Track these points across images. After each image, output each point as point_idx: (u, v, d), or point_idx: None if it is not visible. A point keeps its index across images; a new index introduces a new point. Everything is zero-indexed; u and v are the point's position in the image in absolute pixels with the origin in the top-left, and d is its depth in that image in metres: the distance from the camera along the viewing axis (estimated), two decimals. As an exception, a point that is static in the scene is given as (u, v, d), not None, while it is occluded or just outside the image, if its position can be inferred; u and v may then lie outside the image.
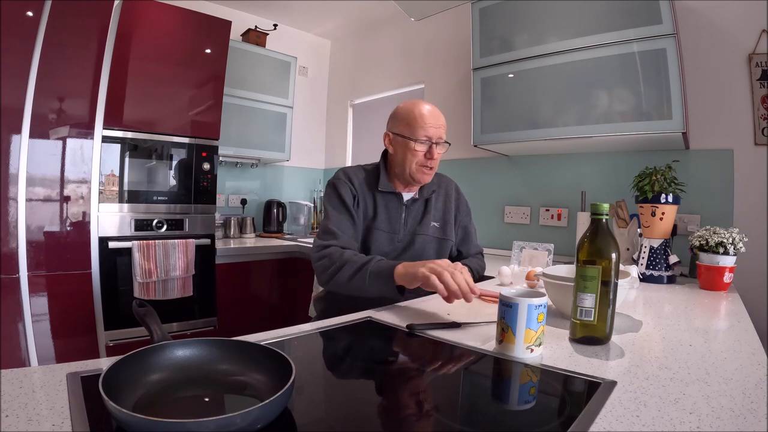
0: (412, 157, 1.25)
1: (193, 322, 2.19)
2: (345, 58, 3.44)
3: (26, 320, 1.70)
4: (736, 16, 1.66)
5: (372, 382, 0.70)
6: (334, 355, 0.82)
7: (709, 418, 0.52)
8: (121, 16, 1.94)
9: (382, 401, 0.61)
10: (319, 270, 1.18)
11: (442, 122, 1.27)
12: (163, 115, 2.11)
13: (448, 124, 1.32)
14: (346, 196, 1.26)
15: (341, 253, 1.15)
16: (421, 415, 0.55)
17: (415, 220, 1.34)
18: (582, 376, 0.65)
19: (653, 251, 1.47)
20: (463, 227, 1.45)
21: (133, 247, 1.97)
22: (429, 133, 1.24)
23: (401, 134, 1.26)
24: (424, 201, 1.37)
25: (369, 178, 1.33)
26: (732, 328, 0.96)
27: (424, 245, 1.34)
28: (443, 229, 1.39)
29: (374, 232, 1.29)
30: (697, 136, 1.74)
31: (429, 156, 1.24)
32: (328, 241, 1.20)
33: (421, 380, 0.68)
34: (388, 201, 1.32)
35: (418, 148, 1.24)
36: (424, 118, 1.23)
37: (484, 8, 2.03)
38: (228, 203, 2.93)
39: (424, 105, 1.27)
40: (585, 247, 0.79)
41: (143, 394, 0.52)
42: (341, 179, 1.30)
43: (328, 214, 1.26)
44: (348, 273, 1.10)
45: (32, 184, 1.72)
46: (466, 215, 1.46)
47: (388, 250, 1.30)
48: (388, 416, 0.56)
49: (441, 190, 1.42)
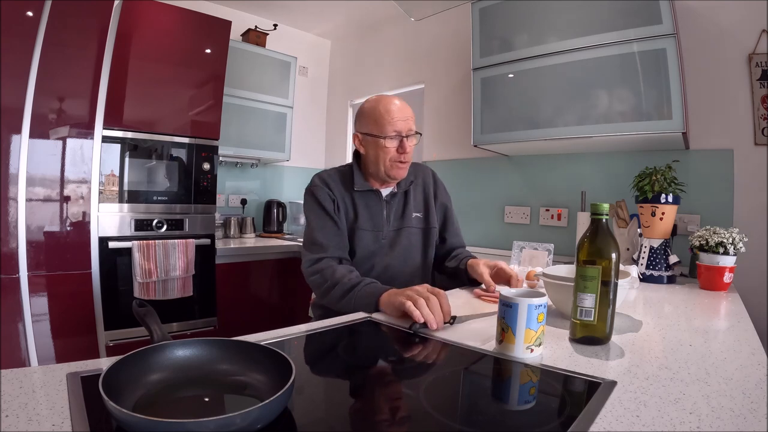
0: (384, 154, 1.23)
1: (193, 322, 2.19)
2: (345, 58, 3.44)
3: (26, 320, 1.70)
4: (736, 16, 1.66)
5: (372, 382, 0.70)
6: (335, 355, 0.82)
7: (709, 418, 0.52)
8: (121, 16, 1.94)
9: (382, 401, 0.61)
10: (313, 286, 1.19)
11: (409, 113, 1.25)
12: (163, 115, 2.11)
13: (448, 124, 1.32)
14: (326, 202, 1.25)
15: (333, 271, 1.15)
16: (421, 415, 0.55)
17: (397, 215, 1.33)
18: (582, 376, 0.65)
19: (653, 251, 1.47)
20: (442, 208, 1.44)
21: (133, 247, 1.97)
22: (398, 128, 1.21)
23: (370, 133, 1.24)
24: (403, 194, 1.35)
25: (345, 179, 1.31)
26: (732, 328, 0.96)
27: (409, 238, 1.33)
28: (426, 218, 1.38)
29: (358, 233, 1.27)
30: (697, 136, 1.74)
31: (401, 150, 1.22)
32: (318, 254, 1.20)
33: (421, 380, 0.68)
34: (368, 199, 1.30)
35: (388, 144, 1.21)
36: (390, 113, 1.21)
37: (484, 8, 2.03)
38: (228, 203, 2.93)
39: (389, 99, 1.25)
40: (585, 247, 0.79)
41: (143, 394, 0.52)
42: (318, 185, 1.28)
43: (311, 224, 1.26)
44: (338, 294, 1.10)
45: (32, 184, 1.72)
46: (444, 197, 1.45)
47: (374, 249, 1.29)
48: (388, 416, 0.56)
49: (419, 180, 1.41)
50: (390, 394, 0.63)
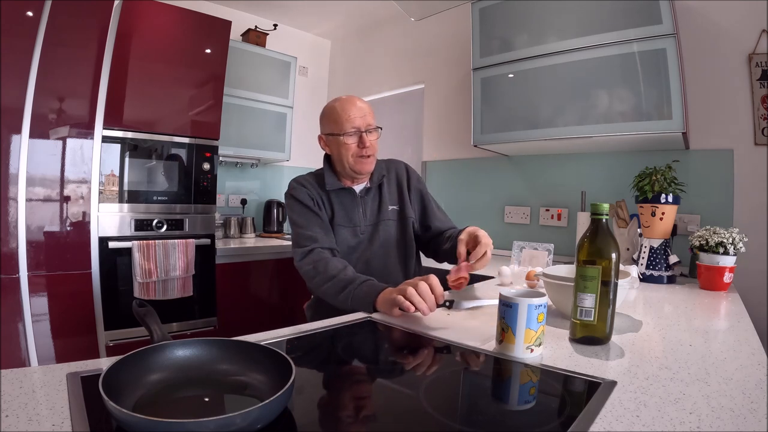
0: (346, 151, 1.26)
1: (193, 322, 2.19)
2: (345, 58, 3.44)
3: (26, 320, 1.70)
4: (736, 16, 1.66)
5: (372, 382, 0.70)
6: (335, 355, 0.82)
7: (709, 418, 0.52)
8: (121, 16, 1.94)
9: (382, 401, 0.61)
10: (307, 278, 1.21)
11: (366, 109, 1.27)
12: (163, 115, 2.11)
13: (448, 124, 1.32)
14: (306, 200, 1.28)
15: (326, 264, 1.16)
16: (421, 415, 0.55)
17: (373, 210, 1.36)
18: (582, 376, 0.65)
19: (653, 251, 1.47)
20: (417, 196, 1.44)
21: (133, 247, 1.97)
22: (355, 124, 1.25)
23: (331, 133, 1.28)
24: (377, 188, 1.38)
25: (319, 181, 1.35)
26: (732, 328, 0.96)
27: (387, 230, 1.36)
28: (402, 210, 1.40)
29: (337, 229, 1.31)
30: (697, 136, 1.74)
31: (362, 145, 1.25)
32: (310, 245, 1.21)
33: (421, 380, 0.68)
34: (342, 198, 1.33)
35: (348, 141, 1.25)
36: (346, 111, 1.25)
37: (484, 8, 2.03)
38: (228, 203, 2.93)
39: (345, 98, 1.29)
40: (585, 247, 0.79)
41: (143, 394, 0.52)
42: (296, 187, 1.32)
43: (297, 222, 1.28)
44: (333, 290, 1.11)
45: (32, 184, 1.72)
46: (418, 185, 1.45)
47: (354, 244, 1.32)
48: (388, 416, 0.56)
49: (392, 174, 1.43)
50: (390, 394, 0.63)
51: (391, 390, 0.65)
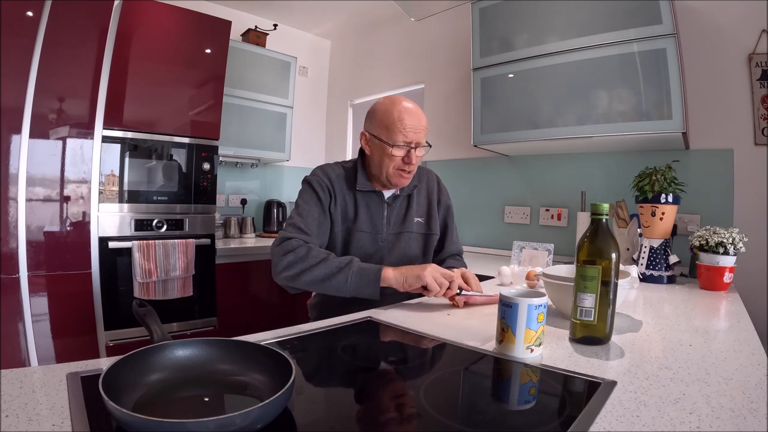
0: (390, 161, 1.18)
1: (193, 322, 2.19)
2: (345, 58, 3.44)
3: (26, 320, 1.70)
4: (736, 16, 1.66)
5: (372, 382, 0.70)
6: (335, 355, 0.82)
7: (709, 418, 0.52)
8: (121, 16, 1.94)
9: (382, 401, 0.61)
10: (282, 264, 1.11)
11: (423, 125, 1.18)
12: (163, 115, 2.11)
13: (448, 124, 1.31)
14: (322, 195, 1.21)
15: (308, 249, 1.10)
16: (420, 416, 0.55)
17: (398, 218, 1.29)
18: (582, 376, 0.65)
19: (653, 251, 1.47)
20: (444, 214, 1.40)
21: (133, 247, 1.97)
22: (408, 138, 1.16)
23: (378, 137, 1.18)
24: (406, 197, 1.31)
25: (348, 176, 1.26)
26: (732, 328, 0.96)
27: (409, 243, 1.29)
28: (428, 224, 1.34)
29: (355, 234, 1.23)
30: (697, 136, 1.74)
31: (407, 161, 1.18)
32: (296, 235, 1.14)
33: (421, 380, 0.68)
34: (369, 200, 1.26)
35: (395, 153, 1.16)
36: (403, 122, 1.15)
37: (484, 8, 2.03)
38: (228, 203, 2.93)
39: (405, 105, 1.18)
40: (585, 247, 0.79)
41: (143, 394, 0.52)
42: (318, 176, 1.24)
43: (298, 208, 1.21)
44: (326, 271, 1.06)
45: (32, 184, 1.72)
46: (448, 203, 1.41)
47: (372, 252, 1.25)
48: (388, 416, 0.56)
49: (423, 184, 1.36)
50: (390, 394, 0.63)
51: (391, 390, 0.65)
